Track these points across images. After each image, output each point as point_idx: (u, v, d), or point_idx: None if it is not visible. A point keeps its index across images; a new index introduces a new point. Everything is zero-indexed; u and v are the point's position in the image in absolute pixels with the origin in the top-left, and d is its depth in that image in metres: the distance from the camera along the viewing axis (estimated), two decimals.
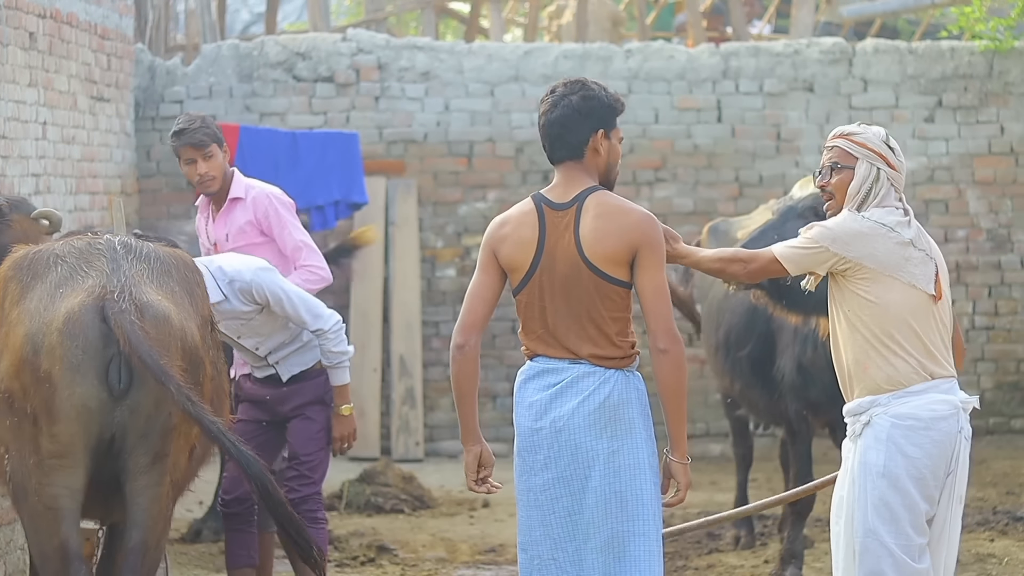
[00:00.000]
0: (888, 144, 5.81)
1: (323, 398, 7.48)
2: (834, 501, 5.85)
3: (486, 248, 5.70)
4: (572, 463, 5.59)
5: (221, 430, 5.95)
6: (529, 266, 5.63)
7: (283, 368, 7.49)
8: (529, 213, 5.65)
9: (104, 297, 5.99)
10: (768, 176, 12.86)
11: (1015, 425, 12.91)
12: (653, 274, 5.55)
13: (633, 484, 5.56)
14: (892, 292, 5.71)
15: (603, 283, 5.56)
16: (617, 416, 5.58)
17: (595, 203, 5.60)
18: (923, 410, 5.68)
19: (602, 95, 5.68)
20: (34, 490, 5.99)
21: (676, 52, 13.01)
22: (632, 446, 5.58)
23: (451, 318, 12.86)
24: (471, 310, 5.71)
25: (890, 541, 5.65)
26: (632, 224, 5.56)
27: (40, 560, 6.10)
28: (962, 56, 12.92)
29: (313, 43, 12.89)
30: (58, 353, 5.93)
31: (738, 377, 9.12)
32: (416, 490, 10.91)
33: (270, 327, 7.40)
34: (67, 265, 6.18)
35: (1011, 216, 12.93)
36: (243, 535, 7.49)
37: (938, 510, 5.73)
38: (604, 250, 5.54)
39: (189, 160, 7.86)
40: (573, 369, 5.61)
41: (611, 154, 5.70)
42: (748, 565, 9.19)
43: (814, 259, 5.75)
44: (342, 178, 11.83)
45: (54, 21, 9.79)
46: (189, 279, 6.51)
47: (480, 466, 5.81)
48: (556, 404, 5.62)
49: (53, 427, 5.94)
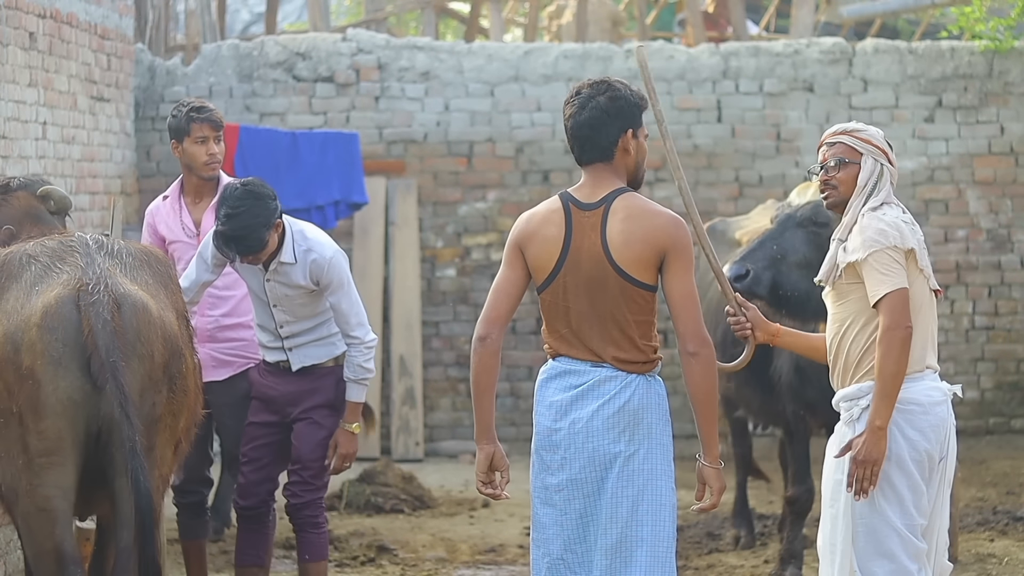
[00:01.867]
0: (887, 142, 6.01)
1: (334, 403, 7.33)
2: (828, 485, 5.95)
3: (512, 244, 5.67)
4: (588, 465, 5.58)
5: (136, 451, 5.85)
6: (554, 265, 5.59)
7: (296, 355, 7.31)
8: (556, 211, 5.62)
9: (80, 289, 5.97)
10: (768, 176, 12.86)
11: (1015, 425, 12.91)
12: (682, 278, 5.53)
13: (646, 489, 5.56)
14: (915, 285, 5.86)
15: (628, 286, 5.54)
16: (636, 421, 5.57)
17: (623, 205, 5.57)
18: (922, 396, 5.86)
19: (628, 94, 5.67)
20: (25, 492, 5.96)
21: (676, 52, 13.02)
22: (649, 451, 5.57)
23: (451, 318, 12.86)
24: (495, 304, 5.65)
25: (897, 521, 5.81)
26: (660, 227, 5.54)
27: (35, 562, 6.07)
28: (962, 56, 12.92)
29: (313, 43, 12.90)
30: (39, 348, 5.91)
31: (735, 377, 9.12)
32: (416, 490, 10.91)
33: (308, 310, 7.25)
34: (41, 264, 6.17)
35: (1011, 216, 12.93)
36: (256, 535, 7.44)
37: (931, 495, 5.90)
38: (632, 253, 5.52)
39: (202, 139, 7.69)
40: (596, 372, 5.59)
41: (639, 152, 5.69)
42: (748, 565, 9.19)
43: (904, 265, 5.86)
44: (342, 178, 11.83)
45: (54, 21, 9.79)
46: (162, 273, 6.51)
47: (492, 468, 5.70)
48: (577, 406, 5.59)
49: (40, 423, 5.91)
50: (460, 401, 12.83)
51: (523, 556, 9.49)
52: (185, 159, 7.80)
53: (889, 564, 5.82)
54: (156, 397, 6.04)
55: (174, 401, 6.23)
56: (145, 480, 5.86)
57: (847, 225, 5.94)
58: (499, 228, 12.84)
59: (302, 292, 7.21)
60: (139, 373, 5.99)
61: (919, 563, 5.85)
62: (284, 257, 7.14)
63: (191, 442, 6.65)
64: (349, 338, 7.26)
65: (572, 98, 5.72)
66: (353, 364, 7.28)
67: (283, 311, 7.26)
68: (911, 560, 5.83)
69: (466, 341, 12.82)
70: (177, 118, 7.78)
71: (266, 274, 7.23)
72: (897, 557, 5.82)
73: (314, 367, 7.34)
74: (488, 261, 12.84)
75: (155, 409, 6.06)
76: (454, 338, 12.84)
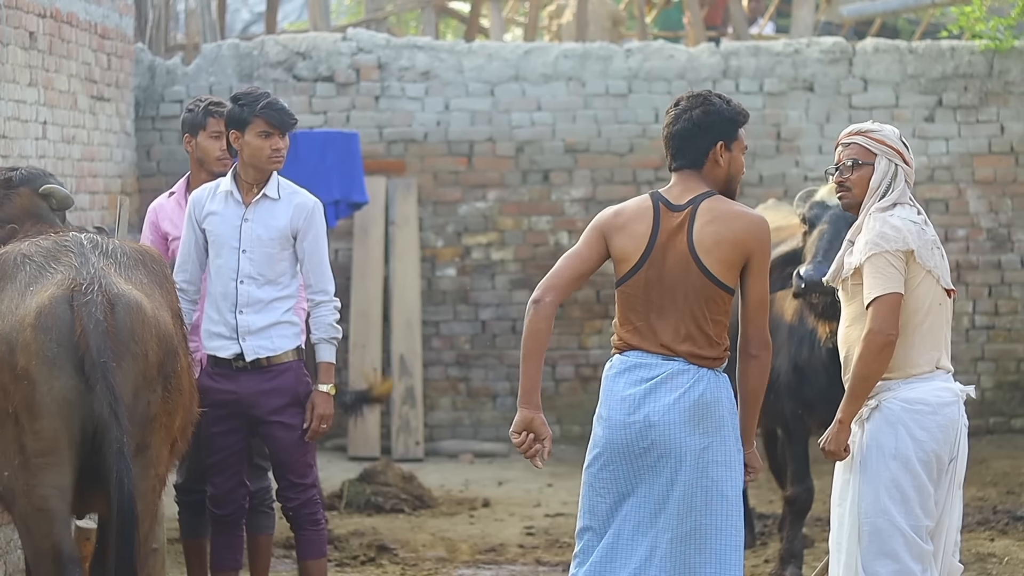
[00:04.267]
0: (903, 141, 6.03)
1: (298, 399, 7.19)
2: (837, 484, 6.01)
3: (595, 230, 5.80)
4: (663, 456, 5.72)
5: (122, 452, 5.84)
6: (638, 259, 5.74)
7: (250, 344, 7.13)
8: (646, 209, 5.78)
9: (73, 289, 5.97)
10: (768, 176, 12.86)
11: (1015, 425, 12.91)
12: (761, 281, 5.75)
13: (720, 479, 5.74)
14: (923, 285, 5.89)
15: (711, 286, 5.71)
16: (709, 413, 5.74)
17: (710, 207, 5.74)
18: (931, 396, 5.88)
19: (723, 109, 5.80)
20: (22, 492, 5.96)
21: (676, 52, 13.02)
22: (722, 442, 5.76)
23: (451, 317, 12.86)
24: (559, 272, 5.79)
25: (902, 521, 5.83)
26: (747, 228, 5.73)
27: (33, 562, 6.07)
28: (962, 56, 12.92)
29: (313, 43, 12.90)
30: (33, 348, 5.91)
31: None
32: (416, 490, 10.90)
33: (273, 268, 7.14)
34: (35, 264, 6.16)
35: (1011, 216, 12.93)
36: (231, 538, 7.36)
37: (940, 496, 5.92)
38: (720, 254, 5.70)
39: (217, 134, 7.62)
40: (668, 365, 5.75)
41: (732, 165, 5.83)
42: (748, 565, 9.18)
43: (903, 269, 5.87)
44: (342, 177, 11.82)
45: (54, 21, 9.79)
46: (157, 272, 6.50)
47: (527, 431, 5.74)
48: (651, 399, 5.74)
49: (35, 424, 5.91)
50: (460, 401, 12.83)
51: (523, 556, 9.49)
52: (198, 153, 7.75)
53: (893, 564, 5.84)
54: (151, 396, 6.04)
55: (169, 400, 6.21)
56: (129, 482, 5.85)
57: (858, 226, 5.97)
58: (499, 228, 12.84)
59: (276, 239, 7.15)
60: (133, 372, 5.99)
61: (924, 564, 5.86)
62: (268, 191, 7.15)
63: (188, 441, 6.64)
64: (320, 293, 7.20)
65: (671, 108, 5.88)
66: (323, 323, 7.21)
67: (250, 260, 7.14)
68: (914, 561, 5.84)
69: (466, 340, 12.82)
70: (194, 112, 7.74)
71: (245, 212, 7.17)
72: (900, 558, 5.83)
73: (269, 363, 7.18)
74: (488, 260, 12.84)
75: (150, 408, 6.05)
76: (454, 338, 12.84)
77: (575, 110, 12.84)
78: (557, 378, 12.69)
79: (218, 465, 7.28)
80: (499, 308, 12.76)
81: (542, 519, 10.43)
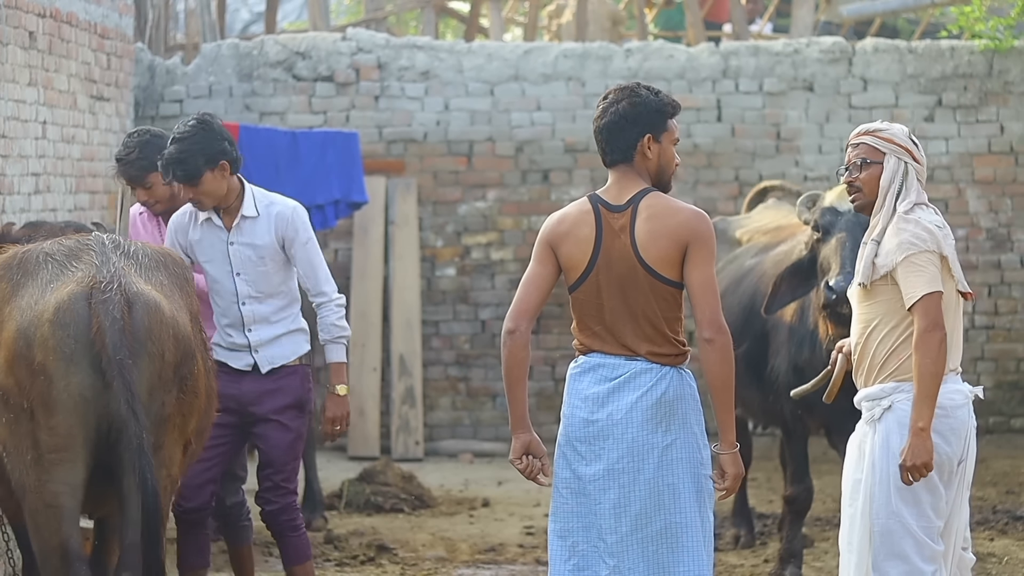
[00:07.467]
0: (912, 139, 6.03)
1: (301, 403, 7.20)
2: (847, 484, 6.02)
3: (543, 242, 5.82)
4: (627, 455, 5.73)
5: (143, 448, 5.85)
6: (586, 265, 5.76)
7: (263, 355, 7.16)
8: (587, 213, 5.80)
9: (92, 286, 5.99)
10: (768, 175, 12.85)
11: (1015, 424, 12.91)
12: (700, 267, 5.70)
13: (686, 477, 5.73)
14: (947, 289, 5.89)
15: (658, 283, 5.72)
16: (673, 411, 5.75)
17: (648, 204, 5.76)
18: (944, 399, 5.87)
19: (650, 100, 5.81)
20: (34, 487, 5.98)
21: (676, 51, 13.02)
22: (686, 440, 5.75)
23: (451, 317, 12.86)
24: (524, 298, 5.82)
25: (912, 523, 5.85)
26: (681, 223, 5.73)
27: (40, 558, 6.09)
28: (962, 55, 12.92)
29: (313, 42, 12.90)
30: (51, 344, 5.93)
31: None
32: (416, 489, 10.91)
33: (270, 283, 7.12)
34: (57, 263, 6.20)
35: (1011, 215, 12.93)
36: (198, 538, 7.35)
37: (950, 496, 5.93)
38: (658, 251, 5.71)
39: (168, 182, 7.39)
40: (630, 365, 5.76)
41: (662, 157, 5.85)
42: (748, 564, 9.19)
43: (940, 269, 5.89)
44: (342, 177, 11.82)
45: (54, 20, 9.79)
46: (178, 274, 6.51)
47: (527, 454, 5.83)
48: (614, 398, 5.76)
49: (51, 419, 5.93)
50: (460, 400, 12.83)
51: (523, 555, 9.49)
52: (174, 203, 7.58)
53: (903, 565, 5.86)
54: (165, 396, 6.05)
55: (184, 402, 6.23)
56: (152, 478, 5.88)
57: (880, 227, 5.95)
58: (499, 227, 12.84)
59: (266, 256, 7.12)
60: (148, 372, 6.00)
61: (935, 564, 5.88)
62: (246, 211, 7.10)
63: (203, 444, 6.65)
64: (319, 296, 7.19)
65: (600, 102, 5.88)
66: (327, 324, 7.22)
67: (246, 281, 7.13)
68: (925, 562, 5.85)
69: (466, 340, 12.83)
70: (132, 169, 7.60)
71: (229, 236, 7.14)
72: (910, 559, 5.84)
73: (282, 367, 7.21)
74: (488, 260, 12.84)
75: (164, 408, 6.06)
76: (454, 337, 12.84)
77: (575, 110, 12.85)
78: (557, 378, 12.69)
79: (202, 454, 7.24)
80: (499, 308, 12.74)
81: (542, 519, 10.43)
